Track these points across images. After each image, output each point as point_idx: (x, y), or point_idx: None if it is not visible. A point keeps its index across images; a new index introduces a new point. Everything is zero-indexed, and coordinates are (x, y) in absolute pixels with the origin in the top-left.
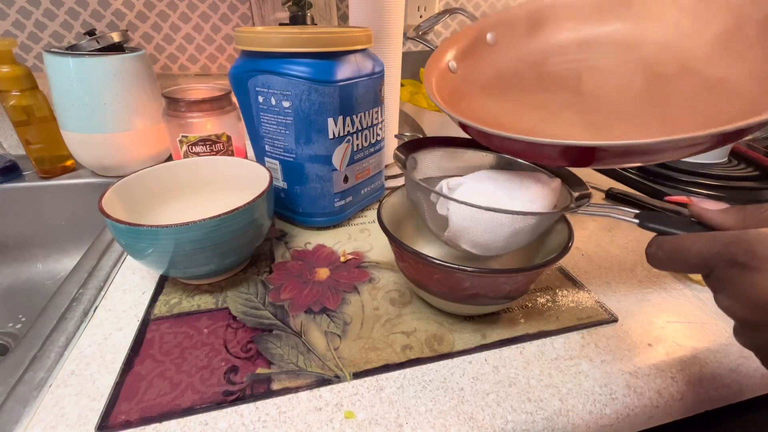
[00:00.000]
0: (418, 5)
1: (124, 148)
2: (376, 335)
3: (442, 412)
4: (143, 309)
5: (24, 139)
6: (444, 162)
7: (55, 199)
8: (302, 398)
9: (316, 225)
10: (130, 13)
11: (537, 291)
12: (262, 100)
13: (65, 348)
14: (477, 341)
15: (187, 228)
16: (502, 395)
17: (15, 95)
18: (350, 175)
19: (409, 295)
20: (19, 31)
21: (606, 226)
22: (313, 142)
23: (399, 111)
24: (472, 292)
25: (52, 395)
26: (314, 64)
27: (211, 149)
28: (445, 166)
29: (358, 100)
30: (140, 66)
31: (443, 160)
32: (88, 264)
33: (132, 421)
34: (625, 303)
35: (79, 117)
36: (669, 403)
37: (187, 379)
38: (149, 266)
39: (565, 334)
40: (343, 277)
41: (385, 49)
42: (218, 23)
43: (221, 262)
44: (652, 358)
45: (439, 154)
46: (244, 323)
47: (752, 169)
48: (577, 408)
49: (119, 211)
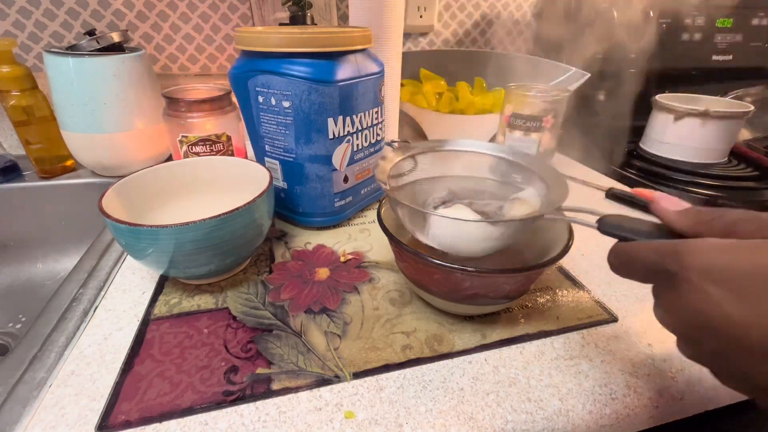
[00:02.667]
0: (418, 5)
1: (124, 148)
2: (376, 335)
3: (442, 412)
4: (143, 309)
5: (24, 139)
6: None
7: (55, 199)
8: (302, 398)
9: (316, 225)
10: (130, 13)
11: (537, 291)
12: (262, 100)
13: (65, 348)
14: (477, 341)
15: (187, 228)
16: (502, 395)
17: (15, 95)
18: (350, 175)
19: (409, 295)
20: (19, 31)
21: None
22: (313, 142)
23: (399, 111)
24: (472, 292)
25: (52, 395)
26: (314, 64)
27: (211, 149)
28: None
29: (358, 100)
30: (140, 66)
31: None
32: (88, 264)
33: (132, 421)
34: (625, 303)
35: (79, 117)
36: (669, 403)
37: (187, 379)
38: (149, 266)
39: (565, 334)
40: (343, 277)
41: (385, 49)
42: (218, 23)
43: (221, 262)
44: (652, 358)
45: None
46: (244, 323)
47: (752, 169)
48: (577, 408)
49: (119, 211)
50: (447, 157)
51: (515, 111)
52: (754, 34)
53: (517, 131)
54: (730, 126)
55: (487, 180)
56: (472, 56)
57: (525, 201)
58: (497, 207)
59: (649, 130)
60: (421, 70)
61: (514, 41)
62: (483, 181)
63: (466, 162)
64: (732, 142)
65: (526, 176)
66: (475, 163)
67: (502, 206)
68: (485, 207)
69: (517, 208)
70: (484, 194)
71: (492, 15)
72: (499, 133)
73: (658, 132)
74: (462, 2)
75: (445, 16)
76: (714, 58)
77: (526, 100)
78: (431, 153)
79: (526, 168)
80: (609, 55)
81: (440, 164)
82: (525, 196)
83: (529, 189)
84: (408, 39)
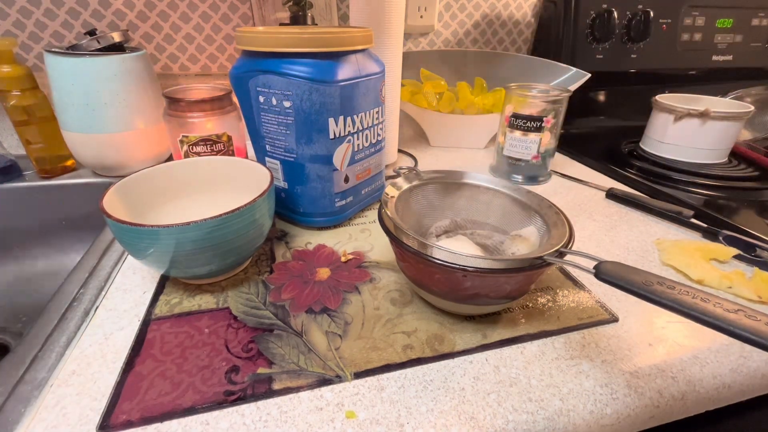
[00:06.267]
0: (418, 5)
1: (125, 148)
2: (377, 335)
3: (443, 412)
4: (144, 309)
5: (24, 138)
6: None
7: (55, 199)
8: (303, 398)
9: (317, 225)
10: (130, 12)
11: (538, 291)
12: (262, 100)
13: (66, 348)
14: (478, 341)
15: (188, 228)
16: (503, 395)
17: (15, 95)
18: (351, 175)
19: (409, 295)
20: (19, 31)
21: (606, 226)
22: (313, 142)
23: (399, 111)
24: (472, 292)
25: (53, 395)
26: (315, 64)
27: (211, 149)
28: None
29: (359, 100)
30: (141, 66)
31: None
32: (88, 264)
33: (133, 421)
34: (626, 303)
35: (79, 117)
36: (669, 403)
37: (188, 378)
38: (150, 266)
39: (565, 334)
40: (343, 277)
41: (386, 49)
42: (219, 23)
43: (222, 262)
44: (653, 358)
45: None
46: (245, 323)
47: (752, 169)
48: (578, 408)
49: (120, 211)
50: (452, 187)
51: (515, 111)
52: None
53: (517, 131)
54: (730, 126)
55: (490, 214)
56: (473, 56)
57: (525, 239)
58: (498, 242)
59: (649, 130)
60: (421, 70)
61: (514, 41)
62: (486, 215)
63: (470, 193)
64: (732, 142)
65: (528, 214)
66: (478, 196)
67: (503, 241)
68: (486, 239)
69: (517, 244)
70: (486, 226)
71: (492, 15)
72: (499, 133)
73: (658, 132)
74: (462, 2)
75: (445, 16)
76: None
77: (526, 100)
78: (438, 183)
79: (528, 206)
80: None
81: (445, 193)
82: (525, 234)
83: (530, 227)
84: (408, 39)
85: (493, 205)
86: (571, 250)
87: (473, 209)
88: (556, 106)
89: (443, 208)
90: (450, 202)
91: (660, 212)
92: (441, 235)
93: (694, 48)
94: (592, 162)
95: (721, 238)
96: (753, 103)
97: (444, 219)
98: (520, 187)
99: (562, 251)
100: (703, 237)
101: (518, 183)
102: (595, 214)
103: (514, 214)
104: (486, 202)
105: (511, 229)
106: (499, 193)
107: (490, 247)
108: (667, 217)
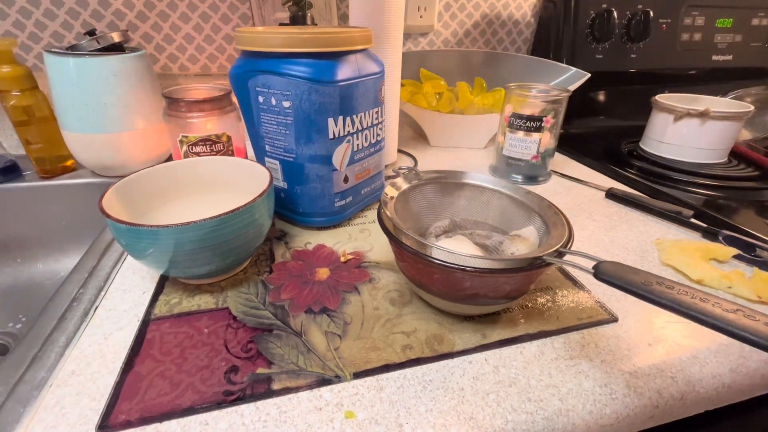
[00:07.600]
0: (418, 5)
1: (125, 148)
2: (377, 335)
3: (442, 412)
4: (143, 309)
5: (24, 139)
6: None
7: (55, 199)
8: (303, 398)
9: (317, 225)
10: (130, 13)
11: (537, 291)
12: (262, 100)
13: (65, 348)
14: (477, 341)
15: (188, 228)
16: (503, 395)
17: (15, 95)
18: (350, 175)
19: (409, 295)
20: (19, 31)
21: (606, 226)
22: (313, 142)
23: (399, 111)
24: (472, 292)
25: (52, 395)
26: (314, 64)
27: (211, 149)
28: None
29: (359, 100)
30: (140, 66)
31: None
32: (88, 264)
33: (132, 421)
34: (625, 303)
35: (79, 117)
36: (669, 403)
37: (188, 378)
38: (149, 266)
39: (565, 334)
40: (343, 277)
41: (385, 49)
42: (218, 23)
43: (221, 262)
44: (652, 358)
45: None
46: (244, 323)
47: (752, 169)
48: (577, 408)
49: (120, 211)
50: (451, 187)
51: (515, 111)
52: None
53: (517, 131)
54: (730, 126)
55: (489, 214)
56: (472, 56)
57: (525, 239)
58: (497, 242)
59: (648, 130)
60: (421, 70)
61: (514, 41)
62: (485, 215)
63: (469, 193)
64: (732, 142)
65: (528, 214)
66: (478, 196)
67: (502, 241)
68: (485, 240)
69: (516, 244)
70: (485, 226)
71: (492, 15)
72: (499, 133)
73: (658, 132)
74: (462, 2)
75: (445, 16)
76: (714, 57)
77: (526, 100)
78: (437, 183)
79: (528, 206)
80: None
81: (444, 193)
82: (525, 234)
83: (530, 227)
84: (408, 39)
85: (492, 205)
86: (571, 250)
87: (473, 209)
88: (555, 106)
89: (443, 208)
90: (449, 202)
91: (660, 212)
92: (440, 235)
93: (693, 48)
94: (591, 162)
95: (721, 238)
96: (753, 103)
97: (443, 219)
98: (520, 187)
99: (561, 251)
100: (703, 237)
101: (518, 183)
102: (595, 214)
103: (513, 214)
104: (485, 202)
105: (510, 229)
106: (499, 193)
107: (490, 247)
108: (667, 217)
